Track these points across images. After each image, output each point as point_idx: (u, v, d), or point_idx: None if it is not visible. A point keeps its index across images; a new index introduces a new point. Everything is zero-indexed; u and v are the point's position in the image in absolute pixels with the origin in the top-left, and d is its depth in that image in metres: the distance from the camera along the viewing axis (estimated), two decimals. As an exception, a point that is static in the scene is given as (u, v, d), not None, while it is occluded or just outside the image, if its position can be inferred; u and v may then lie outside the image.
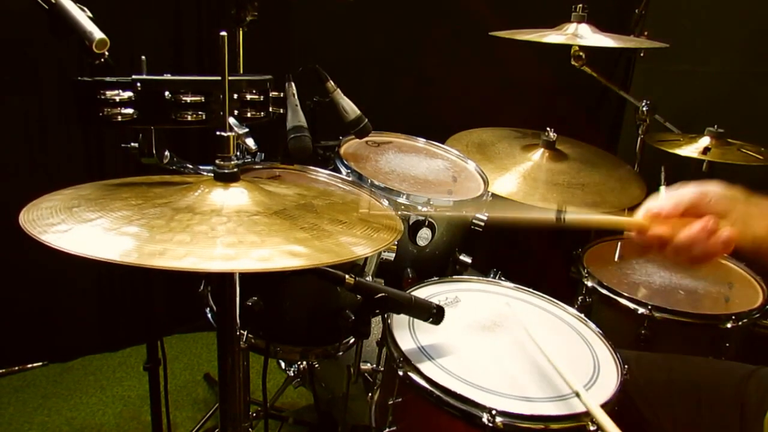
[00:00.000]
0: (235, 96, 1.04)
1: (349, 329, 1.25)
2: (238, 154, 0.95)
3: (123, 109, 0.94)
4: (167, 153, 1.18)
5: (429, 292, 1.37)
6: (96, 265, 2.26)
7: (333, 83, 1.56)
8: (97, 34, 0.90)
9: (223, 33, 0.82)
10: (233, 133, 0.88)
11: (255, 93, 1.07)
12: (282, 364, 1.99)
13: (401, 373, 1.10)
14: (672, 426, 1.21)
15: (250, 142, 0.93)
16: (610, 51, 2.45)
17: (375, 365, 1.30)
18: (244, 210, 0.82)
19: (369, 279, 1.32)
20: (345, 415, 1.46)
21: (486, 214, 1.55)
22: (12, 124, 2.04)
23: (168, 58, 2.23)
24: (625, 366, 1.16)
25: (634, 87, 2.55)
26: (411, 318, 1.25)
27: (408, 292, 1.22)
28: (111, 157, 2.20)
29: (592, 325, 1.32)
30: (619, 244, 1.93)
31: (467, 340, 1.22)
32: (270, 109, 1.12)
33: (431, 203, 1.49)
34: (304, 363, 1.81)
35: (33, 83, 2.02)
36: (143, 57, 1.00)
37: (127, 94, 0.94)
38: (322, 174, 1.51)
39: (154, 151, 1.11)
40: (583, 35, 1.85)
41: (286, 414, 2.05)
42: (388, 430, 1.16)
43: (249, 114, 1.07)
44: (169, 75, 0.99)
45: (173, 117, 0.98)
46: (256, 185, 0.91)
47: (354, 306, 1.25)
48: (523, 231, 2.77)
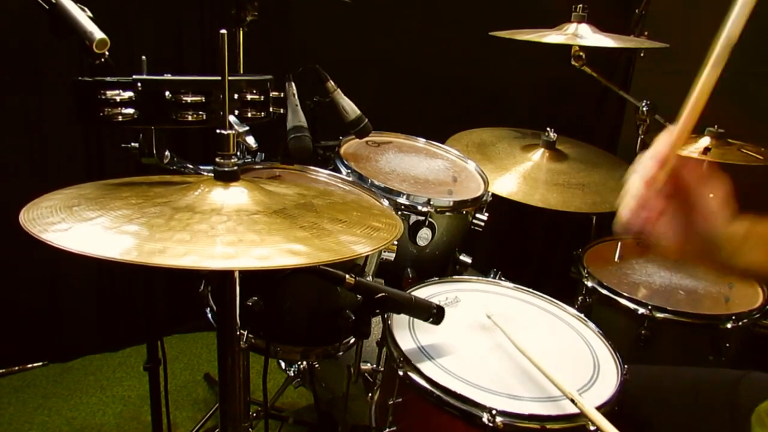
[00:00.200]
0: (236, 96, 1.04)
1: (349, 329, 1.25)
2: (238, 154, 0.95)
3: (123, 109, 0.94)
4: (167, 153, 1.18)
5: (429, 292, 1.37)
6: (96, 265, 2.27)
7: (333, 83, 1.56)
8: (98, 34, 0.90)
9: (223, 31, 0.82)
10: (233, 131, 0.88)
11: (255, 93, 1.07)
12: (282, 364, 1.99)
13: (401, 373, 1.10)
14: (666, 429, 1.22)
15: (250, 140, 0.92)
16: (610, 51, 2.44)
17: (375, 365, 1.30)
18: (243, 209, 0.82)
19: (369, 279, 1.32)
20: (345, 415, 1.46)
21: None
22: (12, 124, 2.04)
23: (168, 58, 2.23)
24: (625, 366, 1.17)
25: (634, 87, 2.55)
26: (411, 318, 1.25)
27: (408, 292, 1.22)
28: (111, 157, 2.20)
29: (592, 325, 1.32)
30: (619, 244, 1.93)
31: (467, 340, 1.22)
32: (270, 109, 1.12)
33: (431, 203, 1.49)
34: (304, 363, 1.81)
35: (33, 83, 2.02)
36: (143, 57, 1.00)
37: (128, 94, 0.94)
38: (322, 174, 1.51)
39: (154, 151, 1.11)
40: (583, 35, 1.85)
41: (286, 414, 2.05)
42: (388, 430, 1.16)
43: (249, 114, 1.07)
44: (170, 75, 0.99)
45: (173, 117, 0.98)
46: (256, 185, 0.91)
47: (354, 306, 1.25)
48: (523, 231, 2.77)
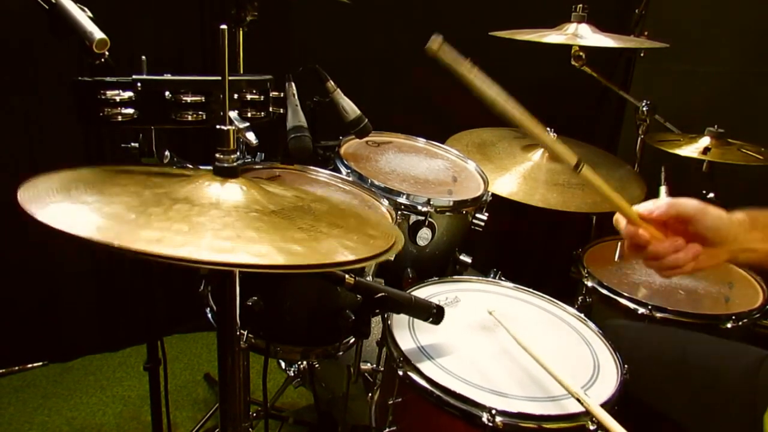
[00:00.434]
0: (236, 96, 1.04)
1: (349, 329, 1.25)
2: (238, 153, 0.95)
3: (123, 109, 0.94)
4: (167, 153, 1.18)
5: (429, 292, 1.37)
6: (96, 265, 2.27)
7: (333, 83, 1.56)
8: (98, 34, 0.90)
9: (223, 26, 0.81)
10: (233, 127, 0.86)
11: (255, 93, 1.07)
12: (282, 364, 1.99)
13: (401, 373, 1.10)
14: (680, 411, 1.21)
15: (250, 136, 0.91)
16: (610, 51, 2.44)
17: (375, 365, 1.30)
18: (242, 206, 0.81)
19: (369, 279, 1.32)
20: (345, 415, 1.46)
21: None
22: (12, 123, 2.04)
23: (168, 58, 2.23)
24: (625, 366, 1.17)
25: (634, 87, 2.55)
26: (411, 318, 1.25)
27: (408, 292, 1.22)
28: (111, 157, 2.20)
29: (592, 325, 1.32)
30: (619, 244, 1.92)
31: (467, 340, 1.22)
32: (270, 109, 1.12)
33: (431, 203, 1.49)
34: (304, 363, 1.81)
35: (33, 83, 2.02)
36: (143, 57, 1.00)
37: (128, 94, 0.94)
38: (322, 174, 1.51)
39: (154, 151, 1.11)
40: (583, 35, 1.85)
41: (286, 414, 2.05)
42: (388, 430, 1.16)
43: (249, 114, 1.07)
44: (170, 75, 0.99)
45: (173, 117, 0.98)
46: (254, 183, 0.90)
47: (354, 306, 1.25)
48: (523, 231, 2.77)
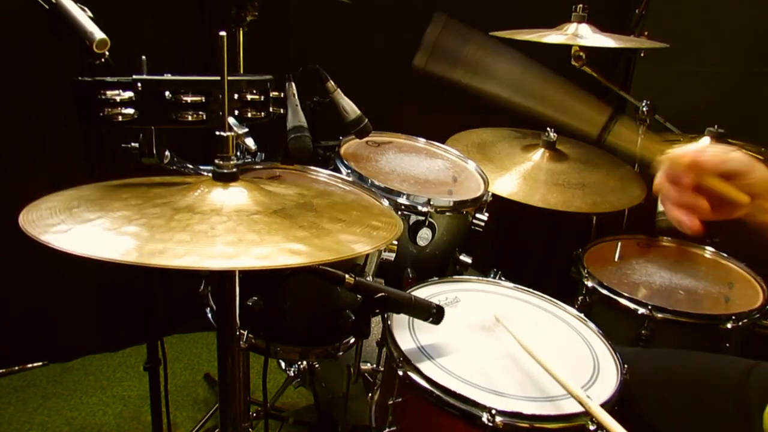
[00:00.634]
0: (236, 96, 1.04)
1: (349, 329, 1.25)
2: (238, 154, 0.95)
3: (123, 109, 0.94)
4: (167, 153, 1.18)
5: (429, 292, 1.37)
6: (96, 266, 2.27)
7: (333, 83, 1.56)
8: (98, 34, 0.90)
9: (223, 33, 0.82)
10: (232, 133, 0.88)
11: (255, 93, 1.07)
12: (282, 364, 1.99)
13: (401, 373, 1.10)
14: (671, 423, 1.21)
15: (249, 142, 0.93)
16: (610, 51, 2.44)
17: (375, 365, 1.29)
18: (243, 209, 0.82)
19: (369, 279, 1.32)
20: (345, 415, 1.46)
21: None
22: (12, 124, 2.04)
23: (168, 58, 2.23)
24: (625, 366, 1.17)
25: (634, 87, 2.55)
26: (411, 318, 1.25)
27: (408, 292, 1.22)
28: (111, 157, 2.20)
29: (592, 325, 1.32)
30: (619, 244, 1.93)
31: (467, 340, 1.22)
32: (270, 109, 1.12)
33: (431, 203, 1.49)
34: (304, 363, 1.81)
35: (33, 83, 2.02)
36: (143, 57, 1.00)
37: (128, 94, 0.94)
38: (322, 174, 1.51)
39: (154, 151, 1.11)
40: (583, 35, 1.84)
41: (286, 414, 2.05)
42: (388, 430, 1.16)
43: (249, 114, 1.07)
44: (170, 75, 0.99)
45: (174, 117, 0.98)
46: (255, 185, 0.91)
47: (354, 306, 1.25)
48: (523, 231, 2.77)
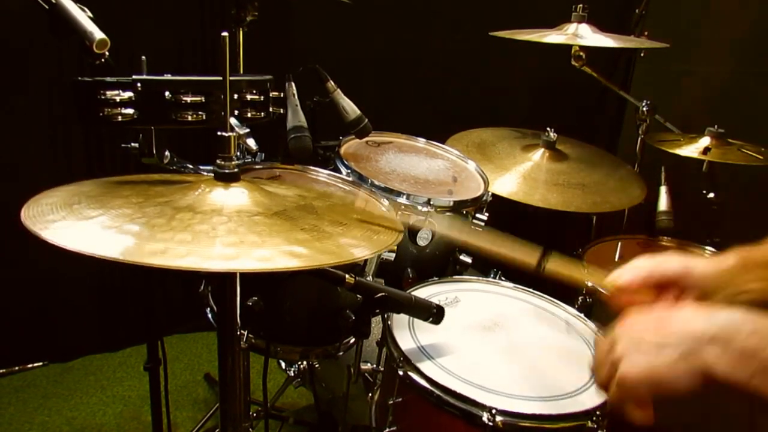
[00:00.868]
0: (236, 96, 1.04)
1: (349, 329, 1.25)
2: (238, 154, 0.95)
3: (123, 109, 0.94)
4: (167, 153, 1.18)
5: (429, 292, 1.37)
6: (96, 266, 2.27)
7: (333, 83, 1.56)
8: (98, 34, 0.90)
9: (225, 33, 0.82)
10: (234, 134, 0.88)
11: (255, 93, 1.07)
12: (282, 364, 1.99)
13: (401, 373, 1.11)
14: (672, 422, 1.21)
15: (251, 142, 0.93)
16: (610, 51, 2.44)
17: (375, 365, 1.30)
18: (244, 210, 0.82)
19: (369, 279, 1.32)
20: (345, 415, 1.46)
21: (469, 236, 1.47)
22: (12, 124, 2.04)
23: (168, 58, 2.23)
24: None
25: (634, 87, 2.55)
26: (411, 318, 1.25)
27: (408, 292, 1.22)
28: (111, 157, 2.20)
29: (592, 325, 1.32)
30: (619, 244, 1.93)
31: (467, 339, 1.22)
32: (270, 109, 1.12)
33: (431, 203, 1.49)
34: (304, 363, 1.81)
35: (33, 83, 2.02)
36: (143, 57, 1.00)
37: (128, 94, 0.94)
38: (322, 174, 1.51)
39: (154, 151, 1.11)
40: (584, 35, 1.84)
41: (286, 414, 2.05)
42: (388, 430, 1.16)
43: (249, 114, 1.07)
44: (170, 75, 0.99)
45: (173, 117, 0.98)
46: (256, 185, 0.91)
47: (354, 306, 1.25)
48: (523, 231, 2.77)
